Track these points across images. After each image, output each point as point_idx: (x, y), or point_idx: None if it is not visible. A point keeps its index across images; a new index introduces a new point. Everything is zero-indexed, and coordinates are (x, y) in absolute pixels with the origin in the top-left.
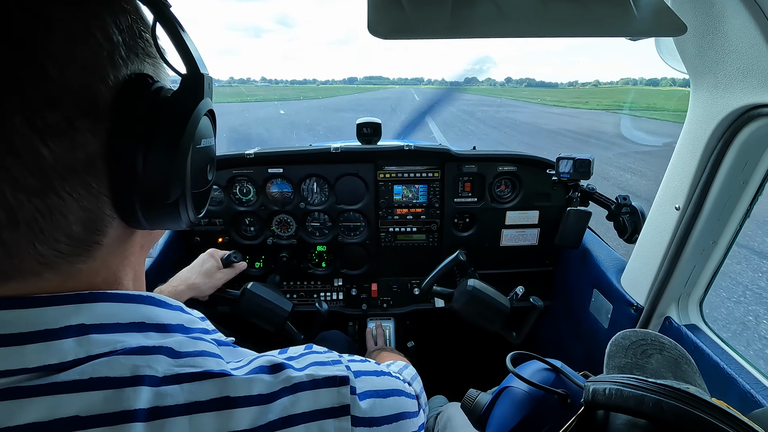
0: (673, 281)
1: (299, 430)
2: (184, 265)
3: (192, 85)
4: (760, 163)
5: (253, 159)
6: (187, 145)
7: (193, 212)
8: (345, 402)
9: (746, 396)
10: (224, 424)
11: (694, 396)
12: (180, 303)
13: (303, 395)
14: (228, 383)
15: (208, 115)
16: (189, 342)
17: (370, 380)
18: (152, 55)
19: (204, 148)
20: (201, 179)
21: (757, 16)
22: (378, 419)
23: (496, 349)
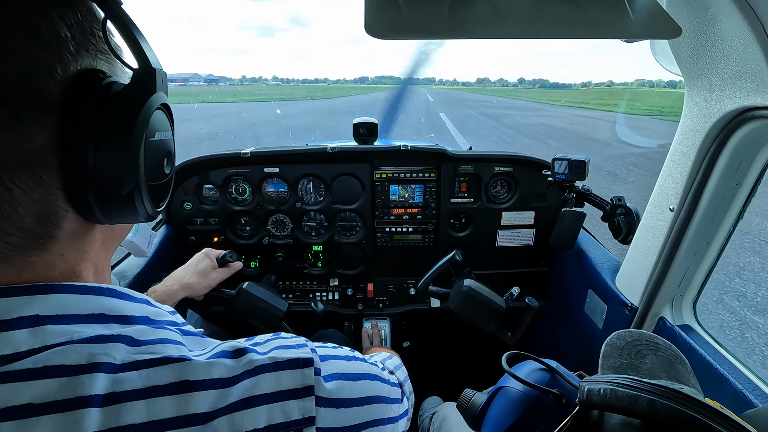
0: (667, 282)
1: (261, 410)
2: (180, 264)
3: (143, 80)
4: (753, 165)
5: (248, 158)
6: (139, 137)
7: (150, 205)
8: (309, 383)
9: (739, 396)
10: (183, 406)
11: (687, 396)
12: (146, 296)
13: (264, 377)
14: (187, 367)
15: (162, 109)
16: (150, 331)
17: (338, 364)
18: (105, 51)
19: (158, 141)
20: (157, 172)
21: (751, 20)
22: (346, 401)
23: (492, 349)
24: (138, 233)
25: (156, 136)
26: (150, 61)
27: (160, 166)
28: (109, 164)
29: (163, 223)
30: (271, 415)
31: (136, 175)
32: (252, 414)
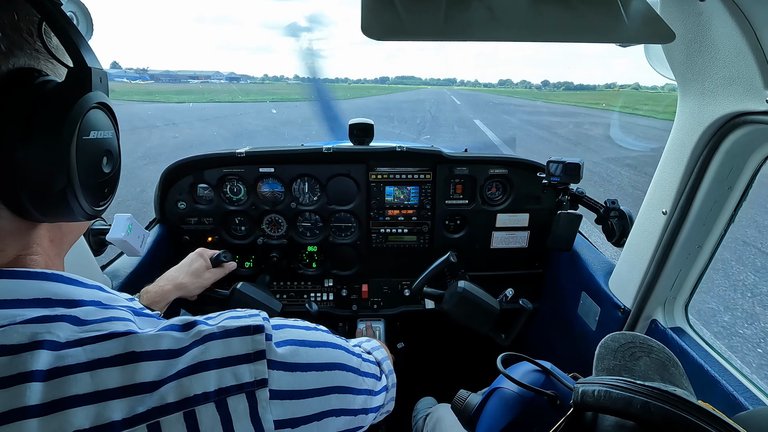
0: (659, 285)
1: (211, 375)
2: (173, 264)
3: (76, 78)
4: (744, 170)
5: (244, 158)
6: (69, 135)
7: (87, 203)
8: (260, 348)
9: (729, 398)
10: (130, 376)
11: (681, 398)
12: (99, 283)
13: (213, 344)
14: (133, 340)
15: (101, 107)
16: (97, 311)
17: (294, 332)
18: (42, 51)
19: (94, 139)
20: (94, 170)
21: (743, 26)
22: (302, 365)
23: (486, 350)
24: (131, 232)
25: (91, 134)
26: (85, 60)
27: (97, 164)
28: (37, 162)
29: (157, 223)
30: (221, 379)
31: (66, 173)
32: (201, 378)
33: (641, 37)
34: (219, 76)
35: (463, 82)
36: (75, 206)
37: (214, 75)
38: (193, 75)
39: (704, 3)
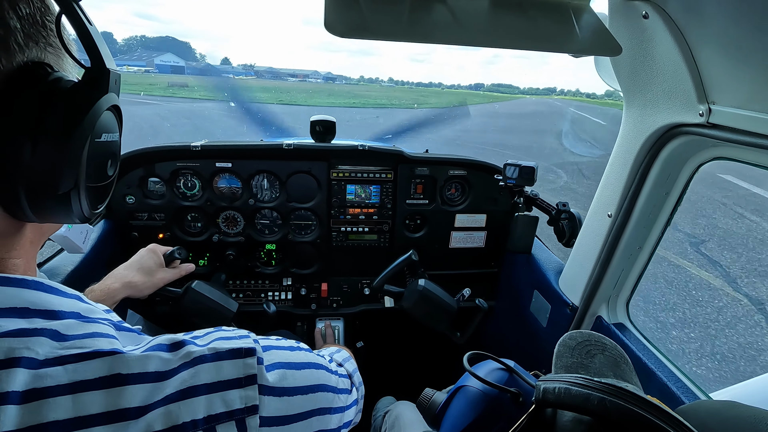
0: (604, 283)
1: (200, 401)
2: (119, 262)
3: (94, 79)
4: (679, 177)
5: (199, 152)
6: (84, 136)
7: (87, 206)
8: (251, 372)
9: (664, 389)
10: (114, 401)
11: (632, 394)
12: (78, 293)
13: (204, 367)
14: (119, 361)
15: (112, 110)
16: (78, 325)
17: (281, 354)
18: (55, 45)
19: (105, 142)
20: (99, 173)
21: (681, 44)
22: (289, 389)
23: (444, 349)
24: (72, 228)
25: (102, 137)
26: (104, 60)
27: (103, 167)
28: (47, 161)
29: (102, 218)
30: (210, 405)
31: (76, 175)
32: (190, 405)
33: (591, 48)
34: (316, 75)
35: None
36: (76, 209)
37: (312, 74)
38: (292, 73)
39: (648, 20)
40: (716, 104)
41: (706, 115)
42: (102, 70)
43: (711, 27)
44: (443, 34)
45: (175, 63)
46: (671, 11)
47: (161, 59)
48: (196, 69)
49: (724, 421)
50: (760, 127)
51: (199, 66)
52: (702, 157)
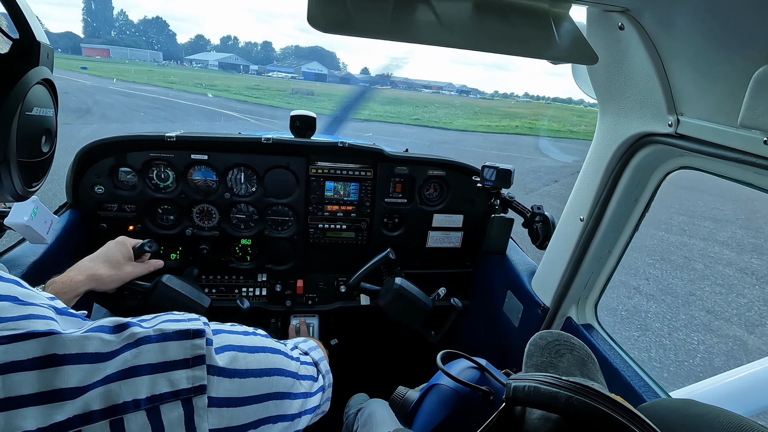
0: (574, 285)
1: (143, 380)
2: (86, 254)
3: (23, 51)
4: (648, 184)
5: (174, 142)
6: (12, 109)
7: (20, 182)
8: (199, 353)
9: (627, 387)
10: (48, 381)
11: (598, 392)
12: (16, 278)
13: (148, 347)
14: (55, 341)
15: (44, 84)
16: (13, 307)
17: (233, 337)
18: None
19: (36, 116)
20: (32, 149)
21: (653, 57)
22: (241, 371)
23: (418, 347)
24: (36, 217)
25: (34, 111)
26: (34, 33)
27: (36, 142)
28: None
29: (68, 208)
30: (154, 385)
31: (4, 148)
32: (131, 384)
33: (570, 56)
34: (451, 87)
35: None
36: (7, 185)
37: (446, 86)
38: (426, 84)
39: (623, 32)
40: (684, 116)
41: (674, 126)
42: (31, 43)
43: (682, 41)
44: (426, 35)
45: (318, 71)
46: (645, 24)
47: (307, 67)
48: (337, 77)
49: (682, 419)
50: (724, 139)
51: (341, 74)
52: (670, 166)
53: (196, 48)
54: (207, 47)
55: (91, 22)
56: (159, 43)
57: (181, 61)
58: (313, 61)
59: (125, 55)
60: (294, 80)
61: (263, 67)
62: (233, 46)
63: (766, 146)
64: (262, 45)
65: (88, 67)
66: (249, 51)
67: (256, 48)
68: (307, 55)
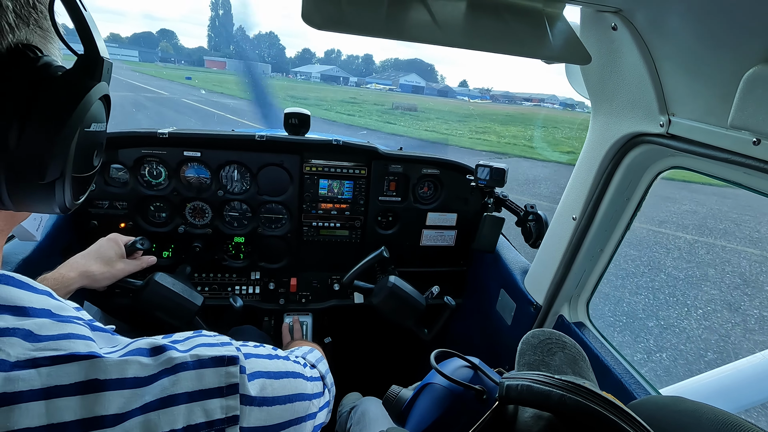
0: (566, 283)
1: (180, 410)
2: (76, 252)
3: (88, 66)
4: (639, 184)
5: (166, 139)
6: (75, 125)
7: (70, 197)
8: (233, 381)
9: (618, 384)
10: (90, 408)
11: (590, 390)
12: (49, 289)
13: (185, 375)
14: (97, 365)
15: (102, 100)
16: (52, 325)
17: (261, 362)
18: (45, 27)
19: (93, 132)
20: (85, 163)
21: (646, 57)
22: (269, 399)
23: (412, 346)
24: None
25: (92, 126)
26: (98, 48)
27: (89, 157)
28: (34, 149)
29: None
30: (190, 415)
31: (63, 164)
32: (169, 414)
33: (563, 56)
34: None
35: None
36: (59, 199)
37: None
38: (527, 97)
39: (616, 32)
40: (676, 116)
41: (666, 126)
42: (96, 58)
43: (674, 43)
44: (420, 33)
45: (416, 83)
46: (638, 25)
47: (405, 79)
48: (434, 90)
49: (671, 415)
50: (714, 139)
51: (438, 87)
52: (661, 166)
53: (302, 61)
54: (312, 60)
55: (214, 37)
56: (270, 56)
57: (287, 73)
58: (412, 73)
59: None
60: (391, 92)
61: (362, 79)
62: (336, 59)
63: (755, 147)
64: (363, 58)
65: (193, 77)
66: (350, 63)
67: (357, 60)
68: (406, 68)
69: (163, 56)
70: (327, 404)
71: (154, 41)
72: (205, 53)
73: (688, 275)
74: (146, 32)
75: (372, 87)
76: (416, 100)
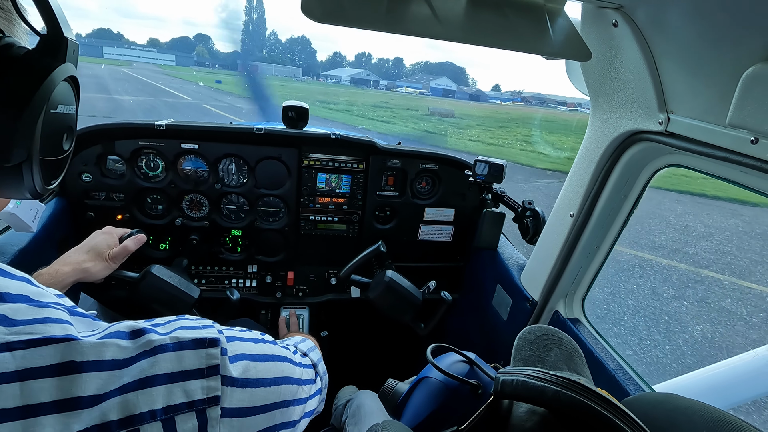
0: (563, 280)
1: (159, 390)
2: (72, 245)
3: (51, 47)
4: (637, 181)
5: (164, 131)
6: (39, 106)
7: (40, 181)
8: (214, 362)
9: (612, 380)
10: (67, 389)
11: (584, 386)
12: (26, 275)
13: (164, 356)
14: (73, 347)
15: (69, 81)
16: (28, 309)
17: (245, 345)
18: (7, 9)
19: (60, 114)
20: (54, 146)
21: (646, 54)
22: (252, 381)
23: (408, 340)
24: (21, 204)
25: (58, 108)
26: (62, 28)
27: (58, 140)
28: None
29: (55, 195)
30: (170, 395)
31: (29, 146)
32: (148, 394)
33: (563, 52)
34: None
35: None
36: (28, 183)
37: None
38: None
39: (617, 29)
40: (675, 114)
41: (665, 124)
42: (59, 39)
43: (674, 40)
44: (420, 27)
45: (447, 87)
46: (639, 22)
47: (436, 83)
48: (466, 94)
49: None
50: (712, 138)
51: (470, 91)
52: (659, 163)
53: (333, 64)
54: (342, 63)
55: (248, 41)
56: (301, 60)
57: (317, 77)
58: (443, 76)
59: (270, 71)
60: (422, 96)
61: (392, 82)
62: (366, 62)
63: (753, 146)
64: (394, 61)
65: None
66: (381, 67)
67: (388, 64)
68: (436, 71)
69: (198, 60)
70: (319, 391)
71: (190, 46)
72: (238, 57)
73: None
74: (183, 37)
75: (402, 90)
76: (449, 105)
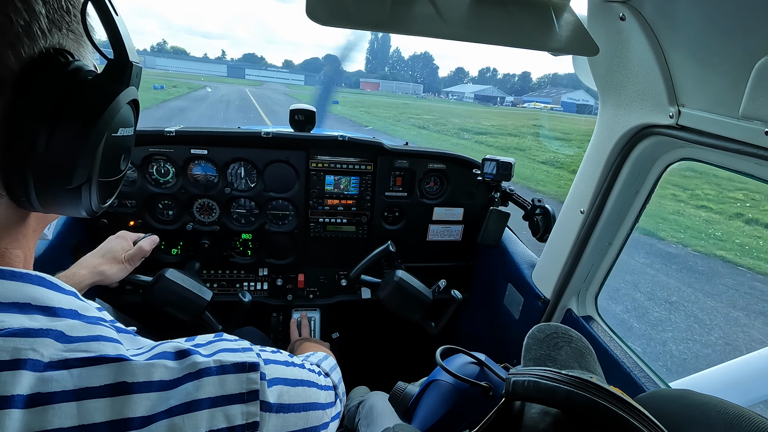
0: (575, 277)
1: (203, 415)
2: (86, 250)
3: (117, 71)
4: (648, 176)
5: (173, 137)
6: (102, 130)
7: (97, 201)
8: (254, 387)
9: (627, 378)
10: (119, 410)
11: (597, 385)
12: (74, 289)
13: (208, 380)
14: (125, 368)
15: (131, 104)
16: (82, 326)
17: (279, 369)
18: (77, 32)
19: (121, 137)
20: (112, 168)
21: (655, 48)
22: (285, 406)
23: (419, 341)
24: None
25: (120, 131)
26: (128, 53)
27: (116, 162)
28: (62, 153)
29: None
30: (212, 420)
31: (90, 169)
32: (193, 418)
33: (570, 48)
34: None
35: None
36: (85, 203)
37: None
38: None
39: (624, 22)
40: (685, 107)
41: (675, 117)
42: (125, 63)
43: (683, 32)
44: (425, 27)
45: (584, 101)
46: (647, 15)
47: (569, 96)
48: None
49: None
50: (725, 130)
51: None
52: (670, 158)
53: (454, 80)
54: (464, 79)
55: (372, 59)
56: (423, 77)
57: (438, 93)
58: (579, 90)
59: (392, 88)
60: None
61: (518, 97)
62: (491, 78)
63: (767, 137)
64: (520, 76)
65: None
66: (506, 82)
67: (514, 79)
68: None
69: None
70: (338, 415)
71: (319, 66)
72: (362, 75)
73: None
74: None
75: (530, 106)
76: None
